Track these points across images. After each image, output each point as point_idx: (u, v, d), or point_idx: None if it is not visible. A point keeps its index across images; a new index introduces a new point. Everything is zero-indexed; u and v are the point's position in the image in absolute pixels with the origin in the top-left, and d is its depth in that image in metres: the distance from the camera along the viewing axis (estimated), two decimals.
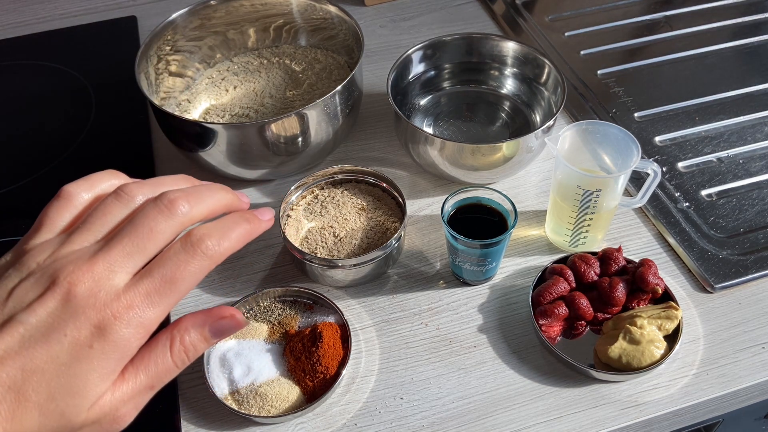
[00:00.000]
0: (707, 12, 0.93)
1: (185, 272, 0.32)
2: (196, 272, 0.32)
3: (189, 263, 0.32)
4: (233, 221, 0.35)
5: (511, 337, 0.58)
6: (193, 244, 0.32)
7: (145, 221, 0.32)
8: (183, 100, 0.77)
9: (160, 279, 0.31)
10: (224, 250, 0.33)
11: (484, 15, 0.94)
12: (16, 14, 0.99)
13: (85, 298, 0.30)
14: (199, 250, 0.32)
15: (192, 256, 0.32)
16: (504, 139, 0.71)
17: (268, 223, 0.38)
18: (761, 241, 0.63)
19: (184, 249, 0.32)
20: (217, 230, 0.33)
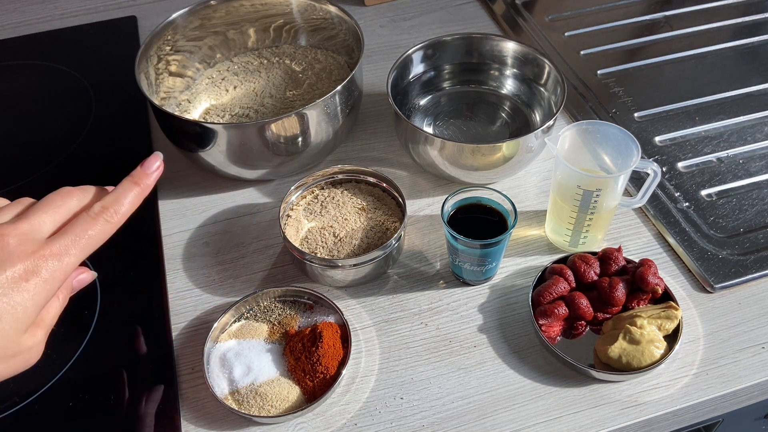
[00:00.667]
0: (707, 12, 0.93)
1: (92, 232, 0.41)
2: (100, 233, 0.42)
3: (94, 226, 0.41)
4: (124, 188, 0.45)
5: (511, 337, 0.58)
6: (96, 213, 0.42)
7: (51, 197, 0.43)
8: (183, 100, 0.77)
9: (73, 235, 0.40)
10: (122, 214, 0.43)
11: (484, 15, 0.94)
12: (16, 14, 0.99)
13: (17, 247, 0.38)
14: (101, 217, 0.42)
15: (96, 220, 0.42)
16: (504, 139, 0.71)
17: (156, 173, 0.48)
18: (761, 241, 0.63)
19: (90, 216, 0.42)
20: (112, 200, 0.43)
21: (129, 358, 0.58)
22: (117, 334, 0.60)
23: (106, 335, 0.60)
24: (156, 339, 0.59)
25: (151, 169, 0.48)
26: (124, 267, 0.65)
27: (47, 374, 0.57)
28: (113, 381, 0.57)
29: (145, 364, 0.58)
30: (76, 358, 0.58)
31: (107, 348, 0.59)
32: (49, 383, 0.56)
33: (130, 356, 0.58)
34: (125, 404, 0.55)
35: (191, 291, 0.63)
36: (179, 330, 0.60)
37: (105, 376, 0.57)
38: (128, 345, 0.59)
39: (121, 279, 0.64)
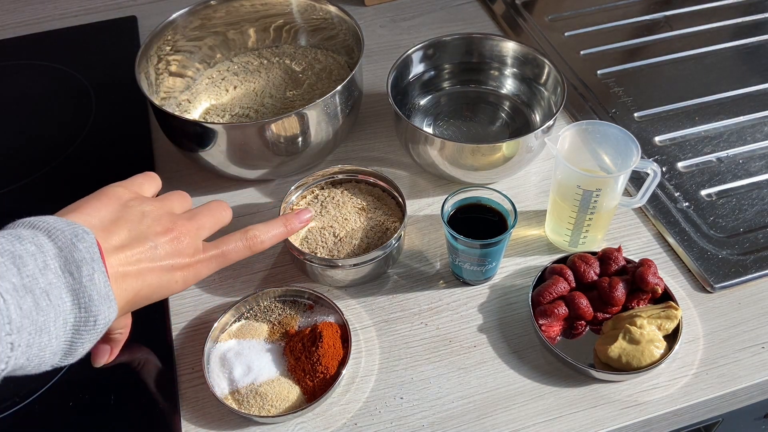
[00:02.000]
0: (707, 12, 0.93)
1: (234, 254, 0.50)
2: (239, 255, 0.50)
3: (238, 248, 0.50)
4: (275, 225, 0.53)
5: (511, 337, 0.58)
6: (247, 237, 0.51)
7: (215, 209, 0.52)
8: (183, 100, 0.77)
9: (220, 252, 0.49)
10: (263, 246, 0.52)
11: (484, 15, 0.94)
12: (16, 14, 0.99)
13: (186, 245, 0.47)
14: (248, 242, 0.50)
15: (243, 244, 0.50)
16: (504, 139, 0.71)
17: (305, 224, 0.57)
18: (761, 241, 0.64)
19: (240, 239, 0.50)
20: (262, 231, 0.52)
21: (129, 358, 0.58)
22: None
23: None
24: (156, 339, 0.59)
25: (302, 218, 0.57)
26: None
27: (47, 374, 0.57)
28: (113, 381, 0.57)
29: (145, 364, 0.58)
30: None
31: None
32: (49, 383, 0.56)
33: (130, 356, 0.58)
34: (125, 404, 0.55)
35: (191, 291, 0.63)
36: (179, 330, 0.60)
37: (105, 376, 0.57)
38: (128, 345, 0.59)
39: None
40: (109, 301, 0.40)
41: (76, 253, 0.38)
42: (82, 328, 0.39)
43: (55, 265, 0.37)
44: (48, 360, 0.38)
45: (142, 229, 0.45)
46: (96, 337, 0.40)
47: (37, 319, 0.36)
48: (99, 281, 0.39)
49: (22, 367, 0.37)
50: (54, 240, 0.38)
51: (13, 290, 0.35)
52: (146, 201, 0.48)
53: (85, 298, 0.38)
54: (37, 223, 0.40)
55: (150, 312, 0.60)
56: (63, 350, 0.39)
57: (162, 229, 0.46)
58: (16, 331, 0.35)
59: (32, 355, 0.37)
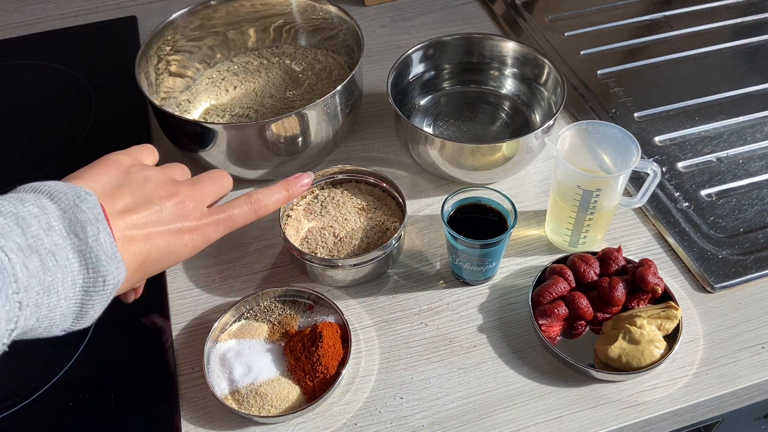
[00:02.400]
0: (707, 12, 0.93)
1: (240, 216, 0.50)
2: (246, 218, 0.50)
3: (244, 212, 0.50)
4: (277, 188, 0.54)
5: (511, 337, 0.58)
6: (251, 201, 0.51)
7: (217, 176, 0.52)
8: (183, 100, 0.77)
9: (227, 215, 0.49)
10: (268, 209, 0.52)
11: (484, 15, 0.94)
12: (16, 14, 0.99)
13: (192, 208, 0.47)
14: (252, 205, 0.51)
15: (249, 208, 0.51)
16: (504, 139, 0.71)
17: (305, 188, 0.56)
18: (761, 241, 0.64)
19: (245, 202, 0.51)
20: (266, 194, 0.52)
21: (129, 358, 0.58)
22: (117, 334, 0.60)
23: (106, 335, 0.60)
24: (156, 339, 0.59)
25: (301, 182, 0.56)
26: None
27: (47, 374, 0.57)
28: (113, 381, 0.57)
29: (145, 364, 0.58)
30: (76, 358, 0.58)
31: (107, 348, 0.59)
32: (49, 383, 0.56)
33: (130, 356, 0.58)
34: (125, 404, 0.55)
35: (191, 291, 0.63)
36: (179, 330, 0.60)
37: (105, 376, 0.57)
38: (128, 345, 0.59)
39: None
40: (117, 262, 0.39)
41: (80, 214, 0.38)
42: (91, 289, 0.38)
43: (60, 227, 0.37)
44: (59, 322, 0.38)
45: (146, 194, 0.45)
46: (106, 299, 0.40)
47: (44, 279, 0.36)
48: (105, 241, 0.39)
49: (33, 329, 0.37)
50: (57, 202, 0.38)
51: (18, 250, 0.35)
52: (147, 168, 0.48)
53: (92, 259, 0.38)
54: (39, 187, 0.39)
55: (150, 312, 0.61)
56: (74, 313, 0.38)
57: (166, 193, 0.46)
58: (23, 289, 0.34)
59: (42, 316, 0.36)
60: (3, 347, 0.35)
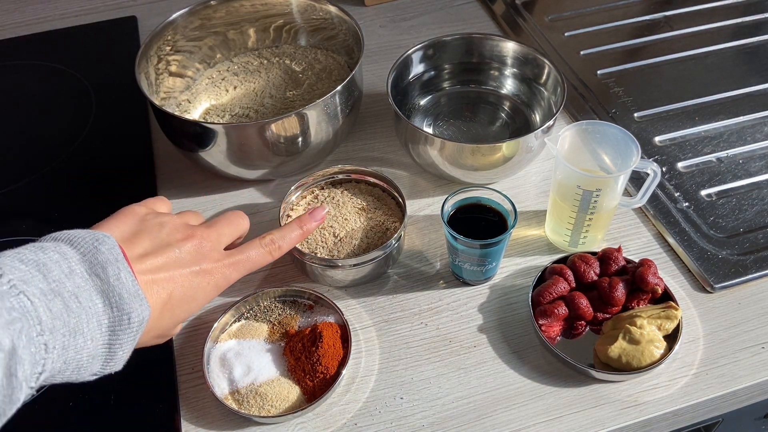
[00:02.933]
0: (707, 12, 0.93)
1: (256, 258, 0.51)
2: (261, 260, 0.51)
3: (260, 254, 0.51)
4: (291, 228, 0.54)
5: (511, 337, 0.58)
6: (266, 243, 0.52)
7: (233, 217, 0.52)
8: (183, 100, 0.77)
9: (244, 257, 0.50)
10: (283, 249, 0.53)
11: (484, 15, 0.94)
12: (16, 14, 0.99)
13: (209, 250, 0.48)
14: (268, 248, 0.51)
15: (263, 248, 0.51)
16: (504, 139, 0.71)
17: (319, 223, 0.57)
18: (761, 241, 0.64)
19: (260, 245, 0.51)
20: (279, 236, 0.53)
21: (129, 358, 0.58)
22: None
23: None
24: None
25: (316, 218, 0.56)
26: None
27: None
28: (113, 381, 0.56)
29: (145, 364, 0.57)
30: None
31: None
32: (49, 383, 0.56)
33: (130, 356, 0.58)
34: (125, 404, 0.54)
35: None
36: (179, 330, 0.59)
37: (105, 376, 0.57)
38: None
39: None
40: (140, 299, 0.40)
41: (100, 255, 0.39)
42: (117, 328, 0.39)
43: (81, 270, 0.38)
44: (87, 364, 0.38)
45: (163, 237, 0.46)
46: (133, 338, 0.40)
47: (69, 320, 0.36)
48: (126, 280, 0.39)
49: (60, 372, 0.37)
50: (76, 247, 0.39)
51: (40, 294, 0.35)
52: (162, 214, 0.49)
53: (115, 297, 0.39)
54: (58, 235, 0.40)
55: None
56: (102, 354, 0.39)
57: (182, 236, 0.47)
58: (48, 331, 0.35)
59: (69, 359, 0.37)
60: (30, 391, 0.36)
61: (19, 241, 0.68)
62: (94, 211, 0.70)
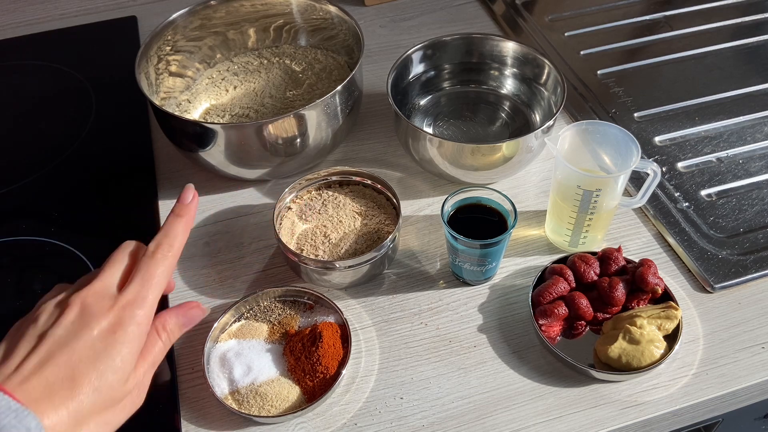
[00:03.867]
0: (707, 12, 0.93)
1: (156, 272, 0.43)
2: (163, 271, 0.43)
3: (157, 266, 0.43)
4: (169, 223, 0.46)
5: (511, 337, 0.58)
6: (152, 252, 0.43)
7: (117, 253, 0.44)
8: (183, 100, 0.77)
9: (140, 280, 0.42)
10: (177, 248, 0.45)
11: (484, 15, 0.94)
12: (16, 14, 0.99)
13: (96, 305, 0.40)
14: (157, 255, 0.43)
15: (154, 260, 0.43)
16: (504, 139, 0.71)
17: (194, 202, 0.48)
18: (761, 241, 0.64)
19: (148, 257, 0.43)
20: (163, 237, 0.44)
21: None
22: None
23: None
24: None
25: (187, 200, 0.48)
26: None
27: None
28: None
29: None
30: None
31: None
32: None
33: None
34: None
35: (191, 291, 0.63)
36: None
37: None
38: None
39: None
40: (16, 412, 0.35)
41: None
42: None
43: None
44: None
45: (40, 327, 0.39)
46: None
47: None
48: None
49: None
50: None
51: None
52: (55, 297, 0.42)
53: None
54: None
55: None
56: None
57: (59, 312, 0.40)
58: None
59: None
60: None
61: (19, 241, 0.68)
62: (94, 211, 0.71)
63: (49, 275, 0.65)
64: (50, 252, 0.67)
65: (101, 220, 0.70)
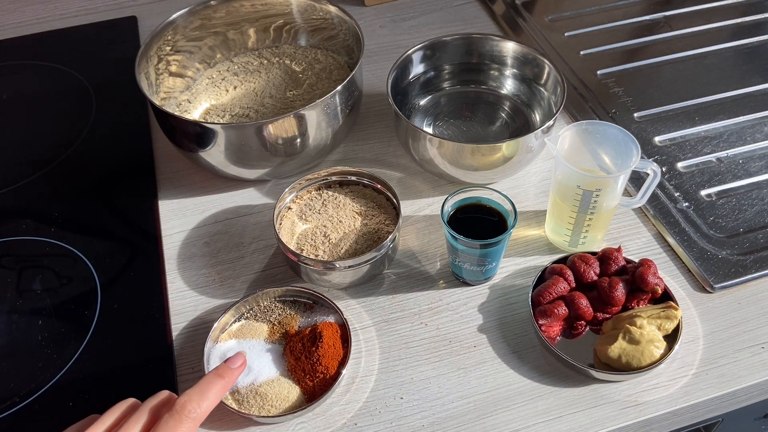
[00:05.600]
0: (707, 12, 0.93)
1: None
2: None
3: (178, 428, 0.41)
4: (208, 381, 0.45)
5: (511, 337, 0.58)
6: (177, 411, 0.41)
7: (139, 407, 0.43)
8: (183, 100, 0.77)
9: None
10: (205, 410, 0.43)
11: (484, 15, 0.94)
12: (16, 14, 0.99)
13: None
14: (183, 416, 0.41)
15: (179, 421, 0.41)
16: (504, 139, 0.71)
17: (241, 369, 0.49)
18: (761, 241, 0.64)
19: (172, 417, 0.41)
20: (196, 394, 0.43)
21: (129, 358, 0.58)
22: (117, 334, 0.60)
23: (106, 335, 0.60)
24: (156, 339, 0.59)
25: (235, 365, 0.49)
26: (124, 267, 0.65)
27: (47, 374, 0.57)
28: (113, 381, 0.57)
29: (145, 364, 0.58)
30: (76, 358, 0.58)
31: (107, 348, 0.59)
32: (49, 383, 0.56)
33: (130, 356, 0.58)
34: None
35: (191, 291, 0.63)
36: (179, 330, 0.60)
37: (105, 376, 0.57)
38: (128, 345, 0.59)
39: (121, 279, 0.64)
40: None
41: None
42: None
43: None
44: None
45: None
46: None
47: None
48: None
49: None
50: None
51: None
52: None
53: None
54: None
55: (150, 312, 0.61)
56: None
57: None
58: None
59: None
60: None
61: (19, 241, 0.68)
62: (94, 211, 0.71)
63: (49, 275, 0.65)
64: (50, 252, 0.67)
65: (101, 220, 0.70)
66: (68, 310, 0.62)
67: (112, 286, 0.63)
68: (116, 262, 0.66)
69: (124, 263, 0.66)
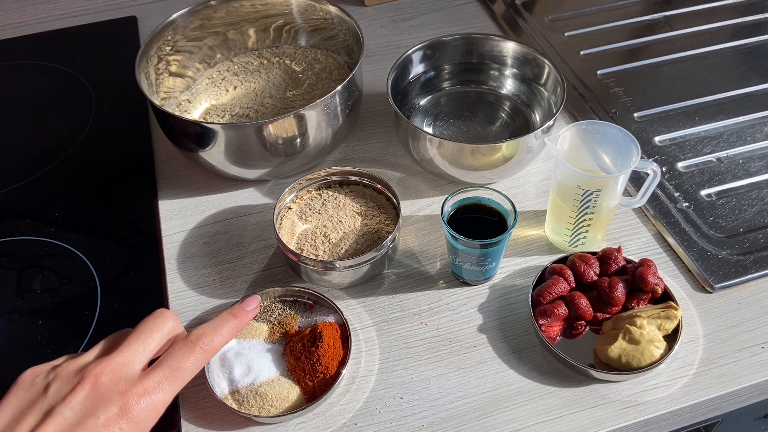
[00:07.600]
0: (707, 12, 0.93)
1: (187, 364, 0.42)
2: (195, 364, 0.43)
3: (190, 357, 0.43)
4: (223, 319, 0.47)
5: (511, 337, 0.58)
6: (192, 341, 0.43)
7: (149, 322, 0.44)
8: (183, 100, 0.77)
9: (168, 369, 0.42)
10: (216, 345, 0.45)
11: (484, 15, 0.94)
12: (16, 14, 0.99)
13: (109, 386, 0.39)
14: (197, 347, 0.43)
15: (192, 350, 0.43)
16: (504, 139, 0.71)
17: (254, 312, 0.51)
18: (761, 241, 0.64)
19: (186, 345, 0.43)
20: (210, 329, 0.45)
21: None
22: None
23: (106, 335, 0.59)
24: None
25: (250, 306, 0.51)
26: (124, 267, 0.65)
27: None
28: None
29: None
30: None
31: None
32: None
33: None
34: None
35: (191, 291, 0.63)
36: None
37: None
38: None
39: (121, 279, 0.64)
40: None
41: None
42: None
43: None
44: None
45: (49, 401, 0.39)
46: None
47: None
48: None
49: None
50: None
51: None
52: (58, 366, 0.41)
53: None
54: None
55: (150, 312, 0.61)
56: None
57: (70, 387, 0.39)
58: None
59: None
60: None
61: (19, 241, 0.68)
62: (94, 211, 0.71)
63: (49, 275, 0.65)
64: (50, 252, 0.67)
65: (101, 220, 0.70)
66: (68, 310, 0.62)
67: (112, 286, 0.63)
68: (116, 262, 0.66)
69: (124, 263, 0.66)
